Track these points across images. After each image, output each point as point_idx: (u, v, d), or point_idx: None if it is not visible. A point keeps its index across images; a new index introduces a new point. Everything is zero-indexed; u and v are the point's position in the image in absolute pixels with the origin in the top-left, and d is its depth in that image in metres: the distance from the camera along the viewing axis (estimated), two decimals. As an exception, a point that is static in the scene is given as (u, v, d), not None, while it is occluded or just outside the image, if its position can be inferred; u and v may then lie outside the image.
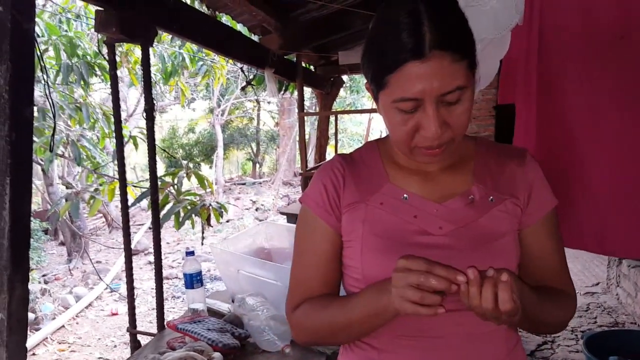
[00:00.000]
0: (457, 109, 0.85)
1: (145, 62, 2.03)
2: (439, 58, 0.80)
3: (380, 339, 0.97)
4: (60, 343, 5.48)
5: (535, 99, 1.75)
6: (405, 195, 0.98)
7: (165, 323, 1.93)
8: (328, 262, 1.02)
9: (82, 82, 4.03)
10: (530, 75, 1.74)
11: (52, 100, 1.79)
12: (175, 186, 3.37)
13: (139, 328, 2.20)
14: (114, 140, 2.12)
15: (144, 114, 2.03)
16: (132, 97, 11.51)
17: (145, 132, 2.10)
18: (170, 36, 4.86)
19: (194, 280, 2.00)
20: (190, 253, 2.06)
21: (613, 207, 1.70)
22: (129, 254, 2.12)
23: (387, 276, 0.89)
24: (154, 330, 2.13)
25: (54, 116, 1.81)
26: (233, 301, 2.06)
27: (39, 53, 1.91)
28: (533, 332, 1.05)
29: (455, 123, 0.86)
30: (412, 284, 0.77)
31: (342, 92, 10.86)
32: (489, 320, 0.80)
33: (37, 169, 7.65)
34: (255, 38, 3.59)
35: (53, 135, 1.88)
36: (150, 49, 2.11)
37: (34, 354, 5.15)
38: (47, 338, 5.50)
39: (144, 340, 2.09)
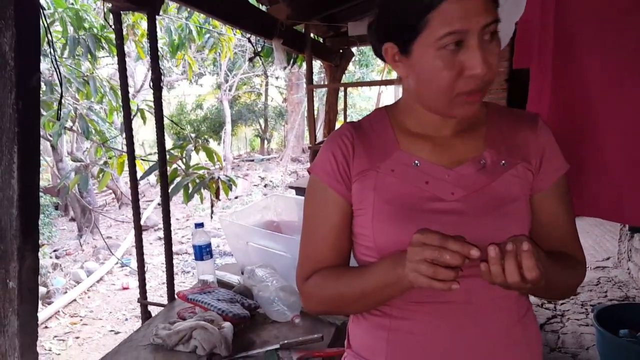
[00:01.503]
0: (493, 47, 0.85)
1: (152, 31, 1.99)
2: None
3: (392, 306, 0.97)
4: (72, 316, 5.57)
5: (551, 61, 1.71)
6: (416, 161, 0.96)
7: (175, 294, 1.94)
8: (338, 231, 1.01)
9: (89, 55, 4.00)
10: (545, 36, 1.69)
11: (58, 69, 1.77)
12: (184, 160, 3.35)
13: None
14: (122, 114, 2.10)
15: (151, 84, 2.00)
16: (139, 72, 11.46)
17: (152, 105, 2.08)
18: (176, 8, 4.80)
19: (203, 252, 2.00)
20: (199, 225, 2.06)
21: (630, 174, 1.66)
22: (138, 225, 2.12)
23: (399, 243, 0.89)
24: (165, 302, 2.14)
25: (61, 84, 1.79)
26: (242, 273, 2.07)
27: (45, 24, 1.89)
28: (544, 298, 1.05)
29: (493, 63, 0.85)
30: (426, 259, 0.77)
31: (350, 67, 10.76)
32: (513, 290, 0.80)
33: (46, 144, 7.68)
34: (263, 8, 3.53)
35: (60, 102, 1.86)
36: (157, 22, 2.07)
37: (46, 327, 5.24)
38: (59, 311, 5.59)
39: (154, 311, 2.10)
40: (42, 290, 5.83)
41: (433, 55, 0.84)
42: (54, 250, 7.87)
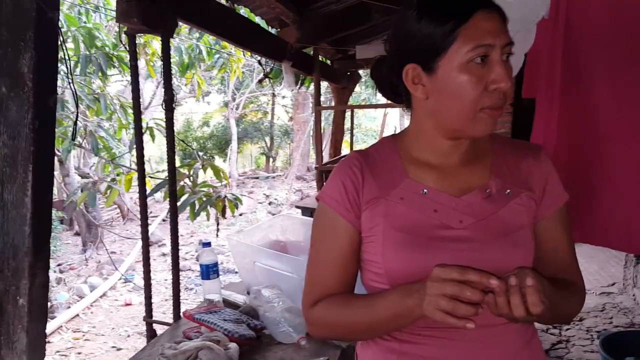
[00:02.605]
0: (508, 67, 0.89)
1: (166, 54, 2.03)
2: (497, 12, 0.89)
3: (401, 330, 0.98)
4: (74, 332, 5.54)
5: (559, 92, 1.73)
6: (424, 189, 0.98)
7: (181, 313, 1.94)
8: (346, 259, 1.03)
9: (100, 74, 4.05)
10: (554, 67, 1.72)
11: (74, 88, 1.81)
12: (191, 177, 3.38)
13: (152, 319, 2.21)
14: (131, 132, 2.13)
15: (164, 105, 2.03)
16: (147, 89, 11.57)
17: (161, 123, 2.11)
18: (187, 28, 4.88)
19: (210, 271, 2.01)
20: (206, 244, 2.07)
21: (638, 203, 1.67)
22: (146, 242, 2.13)
23: (409, 270, 0.92)
24: (169, 320, 2.14)
25: (77, 104, 1.82)
26: (249, 293, 2.07)
27: (61, 42, 1.92)
28: (546, 323, 1.06)
29: (512, 80, 0.90)
30: (446, 294, 0.79)
31: (356, 88, 10.83)
32: (518, 322, 0.82)
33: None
34: (272, 31, 3.59)
35: (76, 122, 1.90)
36: (168, 43, 2.10)
37: (49, 342, 5.21)
38: (62, 326, 5.57)
39: (159, 330, 2.10)
40: (45, 304, 5.81)
41: (460, 70, 0.88)
42: (58, 265, 7.86)
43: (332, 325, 1.02)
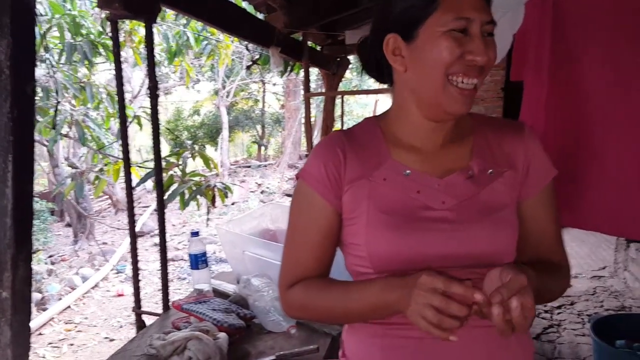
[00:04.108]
0: (490, 43, 0.89)
1: (149, 39, 1.99)
2: None
3: None
4: (66, 323, 5.53)
5: (547, 74, 1.71)
6: (407, 170, 0.98)
7: (170, 303, 1.92)
8: (324, 239, 1.02)
9: (86, 62, 3.99)
10: (542, 48, 1.70)
11: (54, 73, 1.76)
12: (180, 167, 3.35)
13: (144, 309, 2.20)
14: (118, 121, 2.10)
15: (148, 92, 2.00)
16: (136, 78, 11.45)
17: (149, 112, 2.08)
18: (174, 14, 4.80)
19: (199, 261, 1.99)
20: (195, 234, 2.05)
21: (628, 188, 1.66)
22: (134, 233, 2.10)
23: (391, 252, 0.92)
24: (160, 311, 2.12)
25: (57, 92, 1.78)
26: (238, 282, 2.06)
27: (41, 31, 1.88)
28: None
29: (491, 57, 0.90)
30: (433, 305, 0.78)
31: (347, 74, 10.77)
32: None
33: (42, 150, 7.64)
34: (260, 16, 3.54)
35: (56, 109, 1.86)
36: (154, 28, 2.06)
37: (40, 334, 5.20)
38: (53, 318, 5.55)
39: (149, 320, 2.09)
40: (36, 296, 5.80)
41: (438, 38, 0.88)
42: (49, 256, 7.82)
43: (309, 309, 1.03)
